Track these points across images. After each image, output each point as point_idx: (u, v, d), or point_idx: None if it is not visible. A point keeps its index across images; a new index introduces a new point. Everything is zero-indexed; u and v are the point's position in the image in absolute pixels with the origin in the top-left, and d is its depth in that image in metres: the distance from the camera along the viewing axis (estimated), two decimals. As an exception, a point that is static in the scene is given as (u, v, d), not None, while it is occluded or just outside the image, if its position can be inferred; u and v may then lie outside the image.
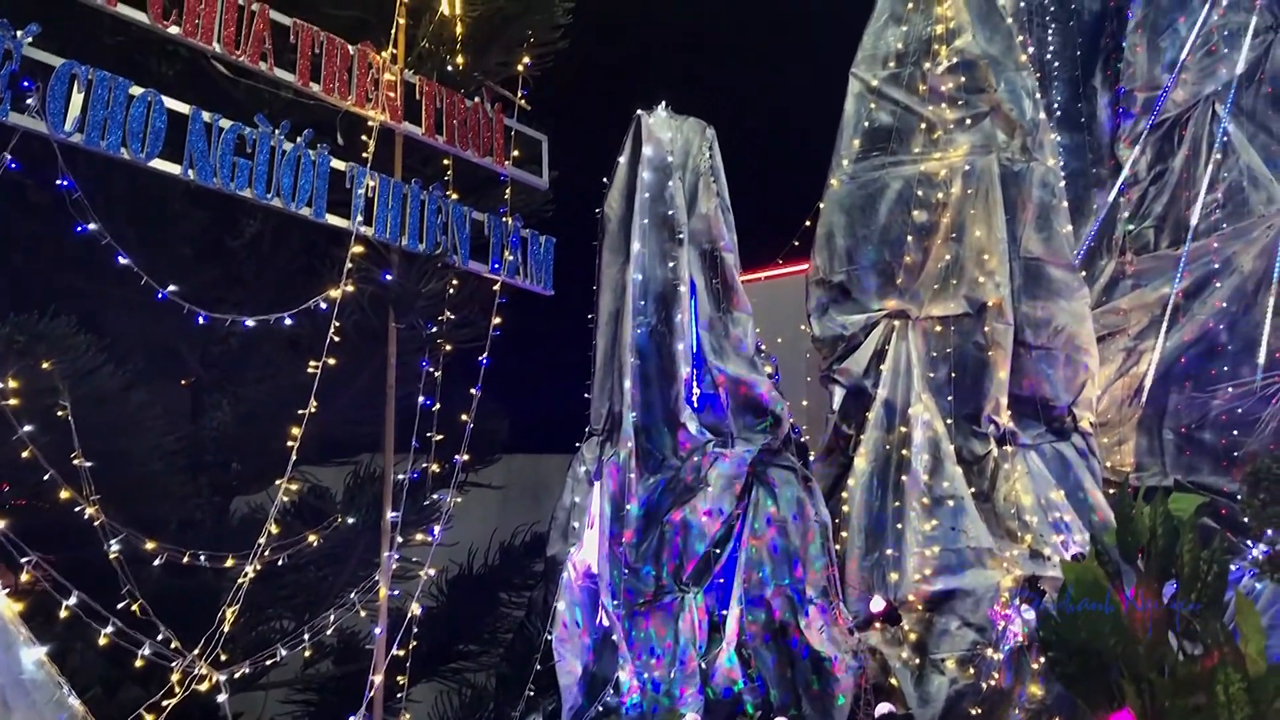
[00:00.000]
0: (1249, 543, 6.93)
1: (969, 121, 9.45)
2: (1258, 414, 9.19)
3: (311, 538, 6.44)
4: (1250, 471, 5.43)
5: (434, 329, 7.09)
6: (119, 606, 5.58)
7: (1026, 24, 11.13)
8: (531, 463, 11.56)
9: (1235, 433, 9.47)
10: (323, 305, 6.52)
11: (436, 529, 7.17)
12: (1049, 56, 11.20)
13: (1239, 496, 6.73)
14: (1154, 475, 9.80)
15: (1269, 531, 5.42)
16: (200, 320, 6.29)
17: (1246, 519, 5.78)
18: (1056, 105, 11.07)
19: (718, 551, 7.68)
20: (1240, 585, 5.92)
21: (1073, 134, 11.08)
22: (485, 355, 7.37)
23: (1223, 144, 10.28)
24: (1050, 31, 11.28)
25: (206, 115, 6.29)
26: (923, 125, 9.54)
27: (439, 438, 7.17)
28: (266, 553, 6.13)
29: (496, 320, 7.50)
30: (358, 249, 6.74)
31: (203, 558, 5.98)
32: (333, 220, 6.78)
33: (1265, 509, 5.21)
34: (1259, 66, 10.41)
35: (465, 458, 7.16)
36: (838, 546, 8.33)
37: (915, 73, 9.65)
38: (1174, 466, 9.77)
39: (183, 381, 7.80)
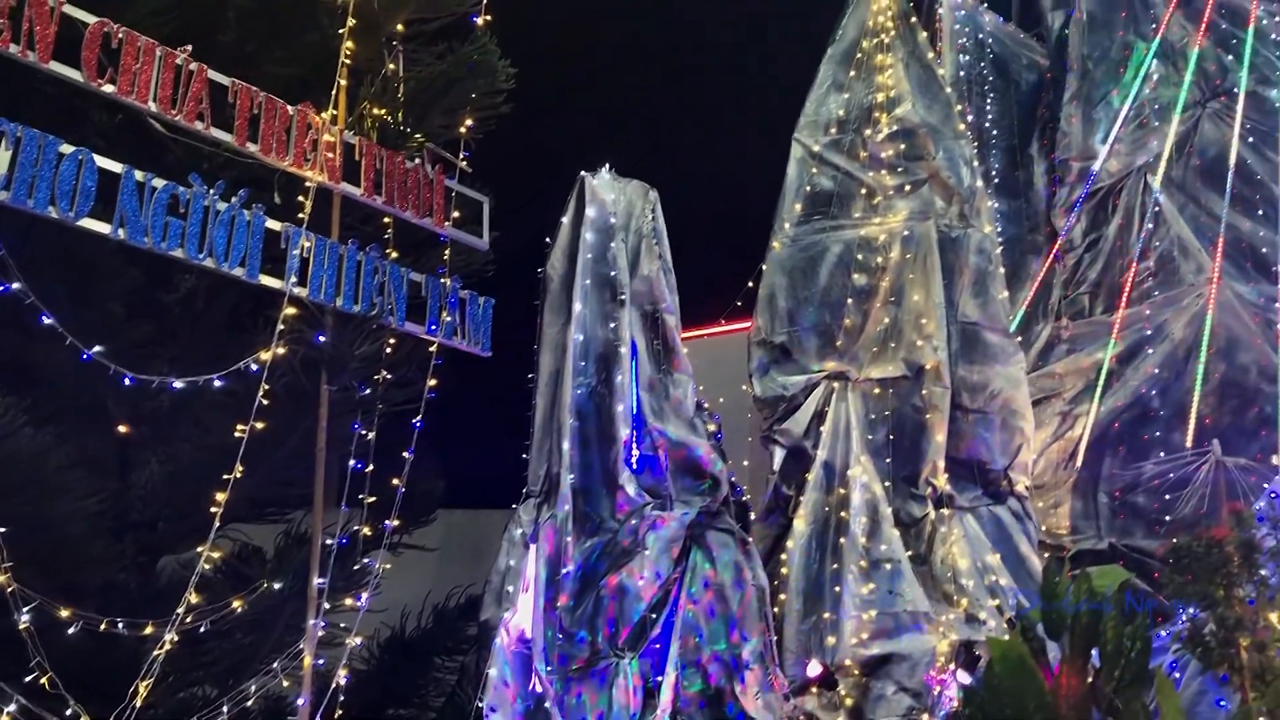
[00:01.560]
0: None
1: (908, 188, 9.62)
2: (1189, 480, 9.33)
3: (236, 604, 6.30)
4: (1172, 549, 5.51)
5: (367, 391, 7.01)
6: (29, 679, 5.40)
7: (966, 93, 11.40)
8: (472, 518, 11.42)
9: (1168, 497, 9.61)
10: (254, 366, 6.42)
11: (364, 595, 7.05)
12: (988, 125, 11.47)
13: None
14: (1089, 538, 9.92)
15: (1191, 609, 5.50)
16: (126, 381, 6.16)
17: (1169, 595, 5.85)
18: (994, 172, 11.31)
19: (654, 616, 7.60)
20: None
21: (1010, 200, 11.32)
22: (420, 418, 7.30)
23: (1154, 214, 10.55)
24: (989, 100, 11.55)
25: (139, 174, 6.23)
26: (863, 191, 9.69)
27: (371, 499, 7.06)
28: (189, 619, 5.97)
29: (432, 382, 7.45)
30: (291, 310, 6.67)
31: (120, 625, 5.81)
32: (266, 281, 6.72)
33: (1186, 587, 5.28)
34: (1188, 140, 10.75)
35: (395, 522, 7.06)
36: (776, 609, 8.31)
37: (856, 139, 9.83)
38: (1109, 530, 9.90)
39: (114, 436, 7.64)
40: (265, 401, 6.37)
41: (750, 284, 10.11)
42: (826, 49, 10.21)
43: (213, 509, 6.15)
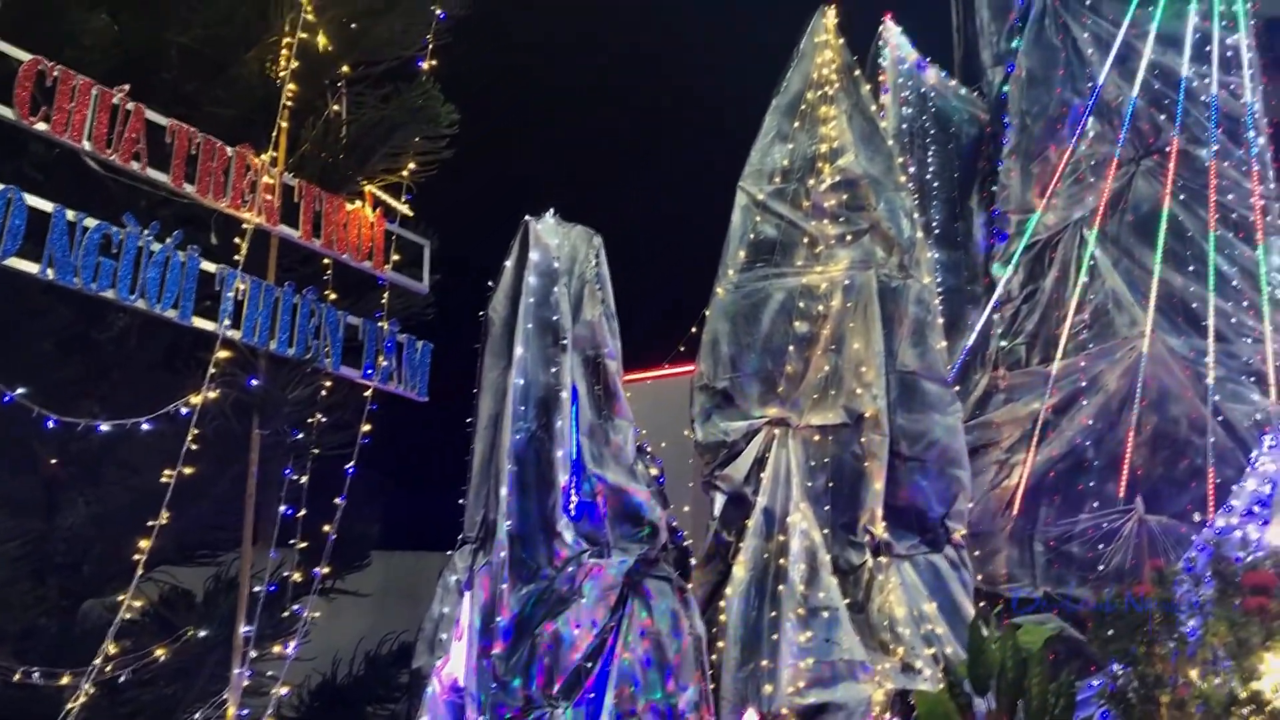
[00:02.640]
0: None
1: (849, 238, 9.74)
2: (1120, 531, 9.49)
3: (159, 651, 6.17)
4: (1096, 606, 5.58)
5: (300, 435, 6.94)
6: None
7: (908, 145, 11.61)
8: (411, 560, 11.31)
9: (1101, 547, 9.76)
10: (184, 410, 6.33)
11: (292, 644, 6.94)
12: (929, 177, 11.68)
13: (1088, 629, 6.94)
14: (1024, 587, 10.04)
15: (1114, 665, 5.56)
16: (50, 424, 6.05)
17: (1095, 650, 5.93)
18: (935, 223, 11.51)
19: (589, 665, 7.54)
20: None
21: (950, 251, 11.51)
22: (353, 464, 7.22)
23: (1090, 267, 10.78)
24: (930, 153, 11.77)
25: (70, 214, 6.15)
26: (805, 239, 9.80)
27: (303, 545, 6.96)
28: (108, 669, 5.83)
29: (366, 428, 7.38)
30: (224, 353, 6.59)
31: (36, 675, 5.66)
32: (199, 323, 6.64)
33: (1109, 644, 5.34)
34: (1123, 195, 11.02)
35: (326, 570, 6.96)
36: (714, 657, 8.30)
37: (799, 189, 9.94)
38: (1043, 578, 10.01)
39: (40, 476, 7.48)
40: (195, 446, 6.27)
41: (694, 329, 10.16)
42: (772, 100, 10.34)
43: (135, 556, 6.02)
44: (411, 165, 8.09)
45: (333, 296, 7.68)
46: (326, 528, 7.13)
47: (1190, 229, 10.87)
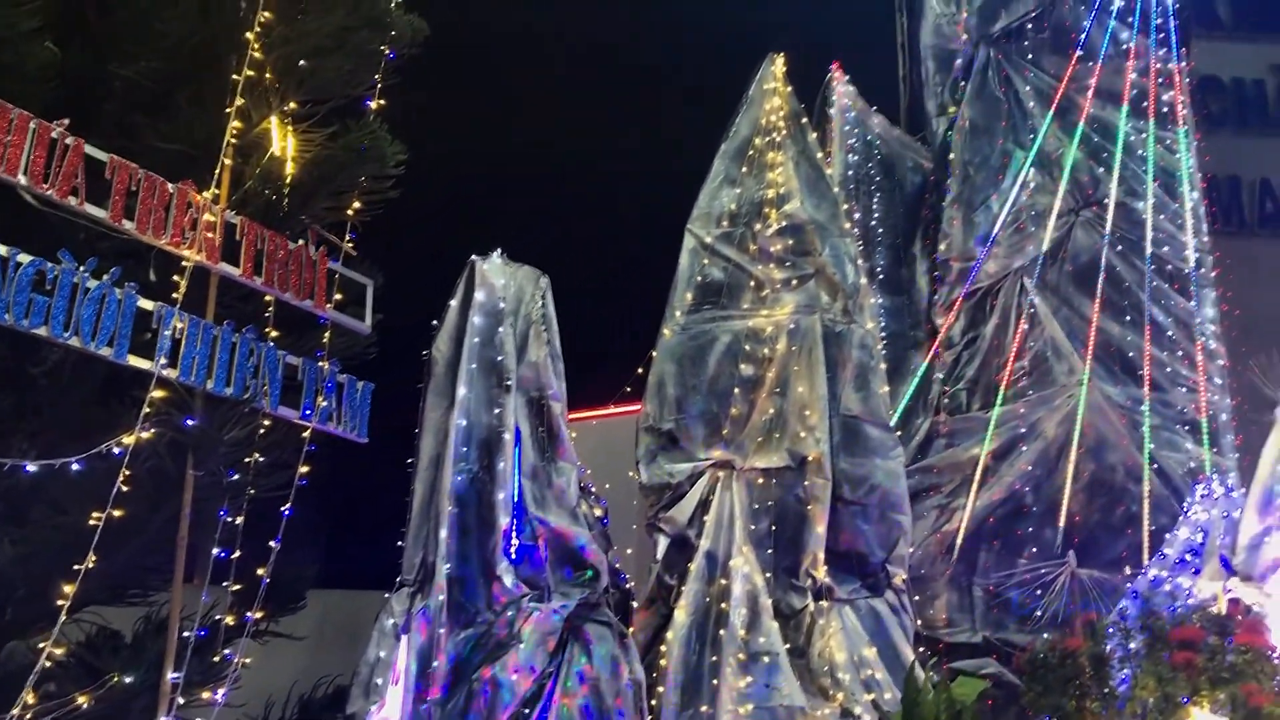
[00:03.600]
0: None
1: (795, 282, 9.82)
2: (1057, 580, 9.61)
3: (81, 699, 6.01)
4: (1028, 659, 5.63)
5: (236, 476, 6.83)
6: None
7: (854, 191, 11.78)
8: (349, 600, 11.13)
9: (1039, 592, 9.86)
10: (116, 449, 6.21)
11: (221, 691, 6.79)
12: (874, 223, 11.84)
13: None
14: (964, 631, 10.11)
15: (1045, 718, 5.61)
16: (-28, 464, 5.91)
17: (1026, 705, 5.97)
18: (879, 269, 11.66)
19: (527, 711, 7.48)
20: None
21: (893, 297, 11.66)
22: (290, 505, 7.12)
23: (1030, 315, 10.96)
24: (875, 200, 11.94)
25: (3, 249, 6.04)
26: (752, 283, 9.86)
27: (236, 587, 6.83)
28: (28, 716, 5.66)
29: (304, 469, 7.28)
30: (159, 392, 6.48)
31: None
32: (135, 362, 6.53)
33: (1040, 698, 5.39)
34: (1062, 245, 11.25)
35: (259, 615, 6.83)
36: (654, 702, 8.24)
37: (747, 233, 10.02)
38: (983, 623, 10.10)
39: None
40: (126, 488, 6.15)
41: (640, 370, 10.17)
42: (720, 144, 10.44)
43: (60, 601, 5.87)
44: (357, 204, 8.05)
45: (273, 334, 7.59)
46: (261, 570, 7.00)
47: (1127, 279, 11.12)
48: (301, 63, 7.69)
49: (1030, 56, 11.77)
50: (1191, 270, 11.17)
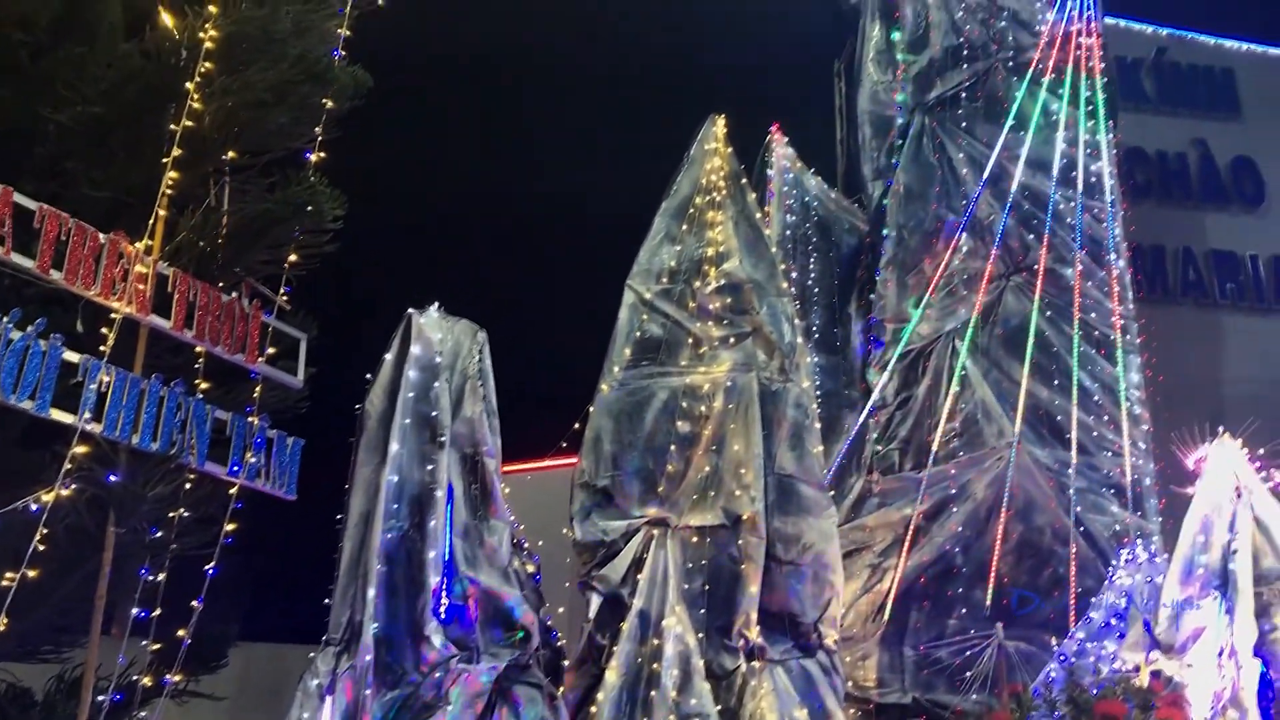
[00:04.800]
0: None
1: (732, 340, 9.89)
2: (988, 641, 9.70)
3: (-14, 767, 5.79)
4: (957, 724, 5.67)
5: (159, 533, 6.66)
6: None
7: (791, 250, 11.95)
8: (274, 654, 10.90)
9: (968, 653, 9.94)
10: (33, 506, 6.04)
11: (135, 759, 6.59)
12: (810, 282, 12.01)
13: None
14: (894, 692, 10.14)
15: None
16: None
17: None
18: (815, 328, 11.82)
19: (452, 775, 7.35)
20: None
21: (829, 356, 11.81)
22: (214, 564, 6.96)
23: (961, 377, 11.14)
24: (812, 260, 12.13)
25: (-82, 300, 5.89)
26: (690, 340, 9.91)
27: (155, 647, 6.65)
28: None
29: (230, 526, 7.13)
30: (82, 448, 6.32)
31: None
32: (58, 416, 6.37)
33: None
34: (993, 310, 11.47)
35: (177, 677, 6.65)
36: (583, 765, 8.15)
37: (686, 290, 10.09)
38: (913, 684, 10.14)
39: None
40: (42, 547, 5.96)
41: (577, 425, 10.15)
42: (661, 202, 10.54)
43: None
44: (294, 257, 7.97)
45: (203, 386, 7.46)
46: (181, 632, 6.83)
47: (1056, 344, 11.36)
48: (241, 114, 7.61)
49: (964, 125, 12.07)
50: (1117, 336, 11.44)
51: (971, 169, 11.88)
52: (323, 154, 8.16)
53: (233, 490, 7.36)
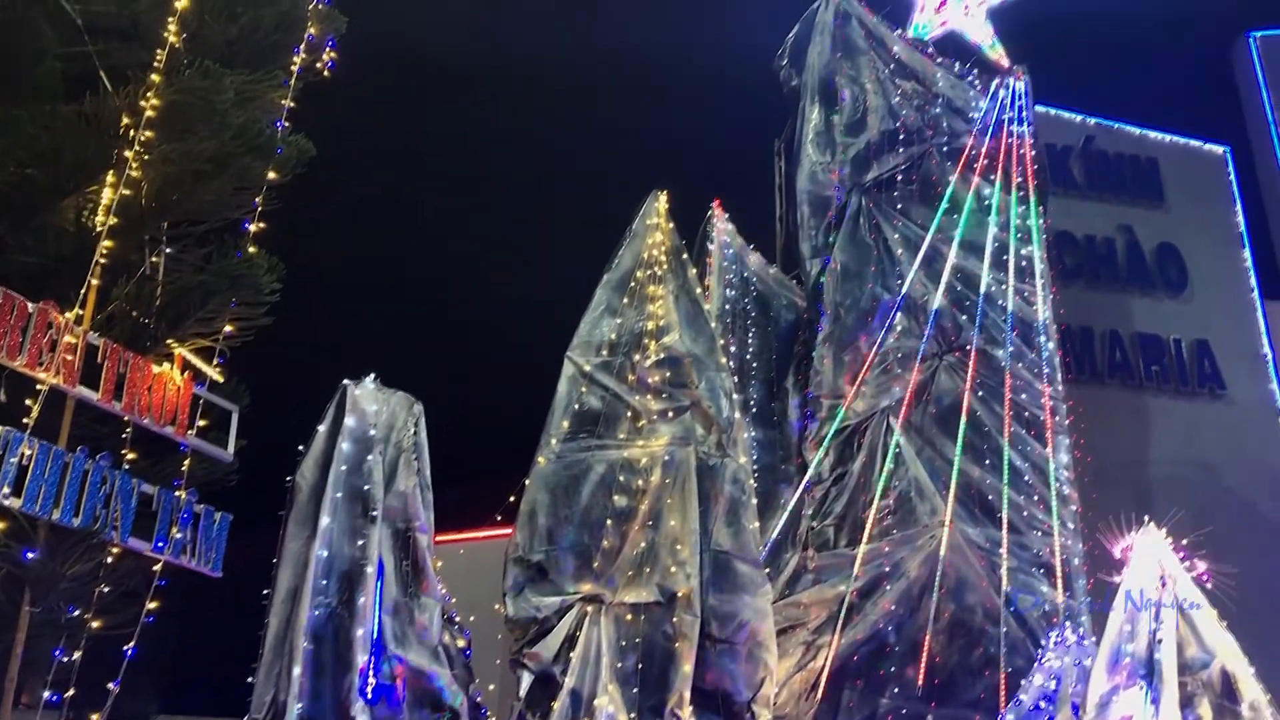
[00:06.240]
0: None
1: (671, 414, 9.92)
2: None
3: None
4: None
5: (77, 612, 6.44)
6: None
7: (730, 325, 12.06)
8: (197, 729, 10.59)
9: (900, 736, 9.95)
10: (-59, 588, 5.82)
11: None
12: (748, 357, 12.12)
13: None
14: (827, 771, 10.09)
15: None
16: None
17: None
18: (753, 402, 11.90)
19: None
20: None
21: (766, 430, 11.88)
22: (133, 645, 6.74)
23: (895, 455, 11.26)
24: (750, 334, 12.25)
25: None
26: (629, 413, 9.93)
27: (69, 732, 6.41)
28: None
29: (152, 605, 6.92)
30: (-1, 524, 6.13)
31: None
32: (-26, 492, 6.19)
33: None
34: (926, 388, 11.65)
35: (93, 770, 6.40)
36: (512, 847, 7.99)
37: (626, 363, 10.13)
38: (843, 763, 10.10)
39: None
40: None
41: (512, 498, 10.07)
42: (603, 274, 10.60)
43: None
44: (229, 328, 7.86)
45: (130, 457, 7.29)
46: (96, 717, 6.58)
47: (987, 424, 11.55)
48: (179, 183, 7.53)
49: (899, 206, 12.35)
50: (1047, 417, 11.66)
51: (906, 250, 12.13)
52: (262, 224, 8.08)
53: (156, 567, 7.16)
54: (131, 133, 7.44)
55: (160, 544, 7.14)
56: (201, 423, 7.62)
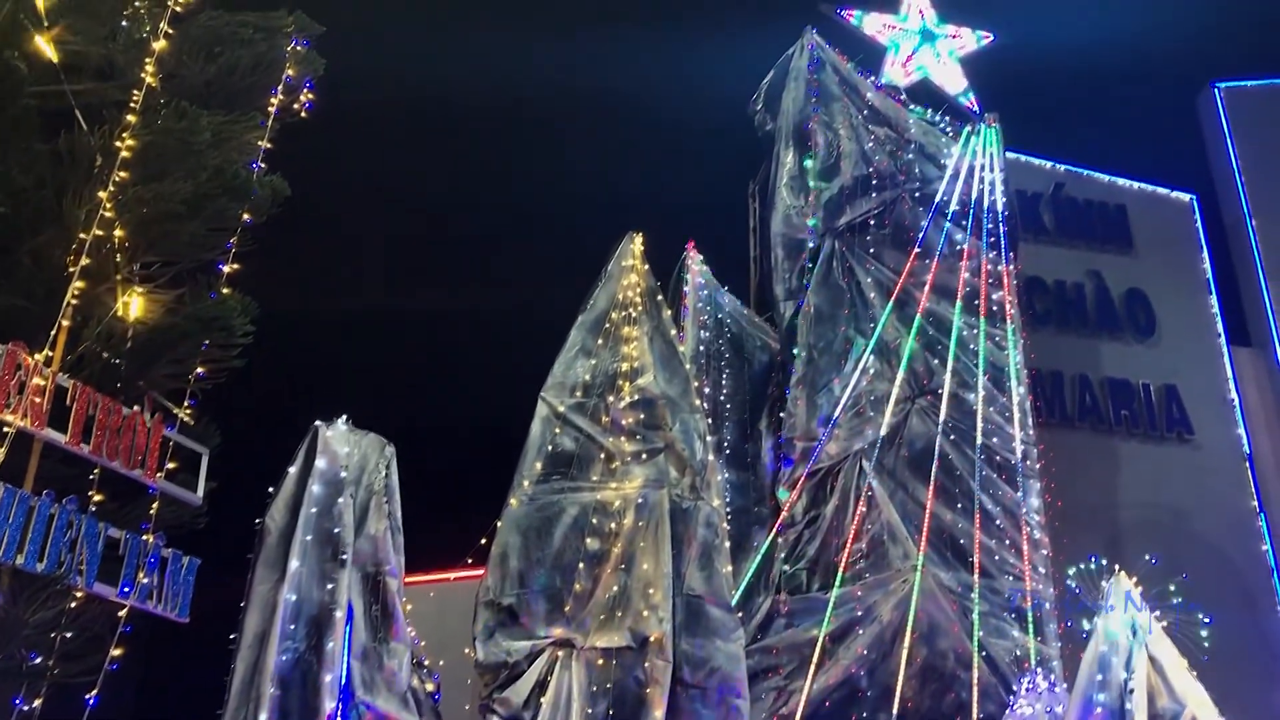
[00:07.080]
0: None
1: (645, 456, 9.91)
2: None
3: None
4: None
5: (39, 659, 6.33)
6: None
7: (704, 366, 12.09)
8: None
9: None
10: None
11: None
12: (722, 398, 12.14)
13: None
14: (801, 821, 10.00)
15: None
16: None
17: None
18: (726, 443, 11.90)
19: None
20: None
21: (739, 472, 11.88)
22: (95, 693, 6.62)
23: (868, 497, 11.28)
24: (724, 375, 12.28)
25: None
26: (602, 454, 9.91)
27: (27, 783, 6.27)
28: None
29: (116, 652, 6.80)
30: (-41, 570, 6.03)
31: None
32: (-64, 536, 6.08)
33: None
34: (899, 431, 11.68)
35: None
36: None
37: (600, 404, 10.11)
38: (802, 813, 10.01)
39: None
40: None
41: (484, 540, 10.00)
42: (578, 315, 10.61)
43: None
44: (200, 369, 7.80)
45: (98, 498, 7.19)
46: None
47: (959, 467, 11.59)
48: (154, 225, 7.49)
49: (872, 250, 12.44)
50: (1018, 461, 11.72)
51: (879, 293, 12.21)
52: (236, 265, 8.05)
53: (122, 613, 7.05)
54: (106, 173, 7.40)
55: (126, 589, 7.04)
56: (171, 465, 7.54)
